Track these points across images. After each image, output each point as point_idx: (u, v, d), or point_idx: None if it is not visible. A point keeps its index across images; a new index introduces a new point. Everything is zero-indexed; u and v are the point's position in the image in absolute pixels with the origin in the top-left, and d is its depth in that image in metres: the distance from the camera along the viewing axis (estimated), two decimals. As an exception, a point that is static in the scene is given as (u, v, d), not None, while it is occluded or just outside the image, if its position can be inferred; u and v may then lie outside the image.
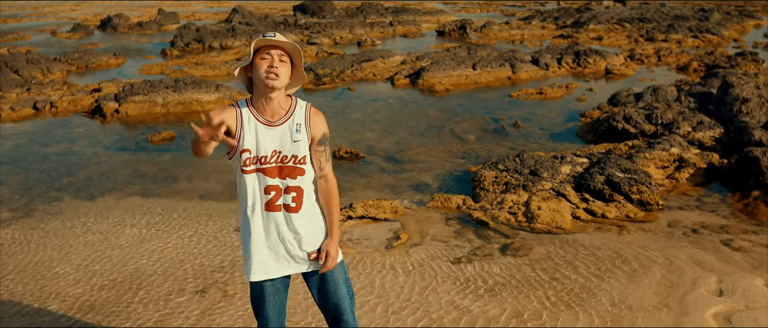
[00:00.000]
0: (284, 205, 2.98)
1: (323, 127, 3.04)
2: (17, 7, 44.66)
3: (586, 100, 11.76)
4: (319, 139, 3.01)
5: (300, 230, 3.01)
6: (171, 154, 8.92)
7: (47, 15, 36.74)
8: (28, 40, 23.74)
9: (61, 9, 41.78)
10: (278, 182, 2.96)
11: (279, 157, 2.95)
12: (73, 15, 36.26)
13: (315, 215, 3.07)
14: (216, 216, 6.53)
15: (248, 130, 2.93)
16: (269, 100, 2.92)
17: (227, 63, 16.58)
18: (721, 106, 9.42)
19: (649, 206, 6.43)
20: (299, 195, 2.99)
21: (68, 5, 46.29)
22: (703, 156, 7.64)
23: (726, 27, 21.68)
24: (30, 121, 11.00)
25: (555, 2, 40.59)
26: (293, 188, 2.97)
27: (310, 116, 3.01)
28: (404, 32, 24.45)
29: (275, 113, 2.95)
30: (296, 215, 2.99)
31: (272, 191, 2.95)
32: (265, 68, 2.86)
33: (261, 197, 2.97)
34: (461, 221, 6.28)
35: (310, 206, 3.04)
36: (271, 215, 2.98)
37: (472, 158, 8.43)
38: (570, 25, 24.93)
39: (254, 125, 2.93)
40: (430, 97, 12.55)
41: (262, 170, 2.94)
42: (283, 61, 2.91)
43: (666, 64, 15.85)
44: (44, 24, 30.88)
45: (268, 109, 2.94)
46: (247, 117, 2.94)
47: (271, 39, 2.88)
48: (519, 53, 15.46)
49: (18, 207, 6.93)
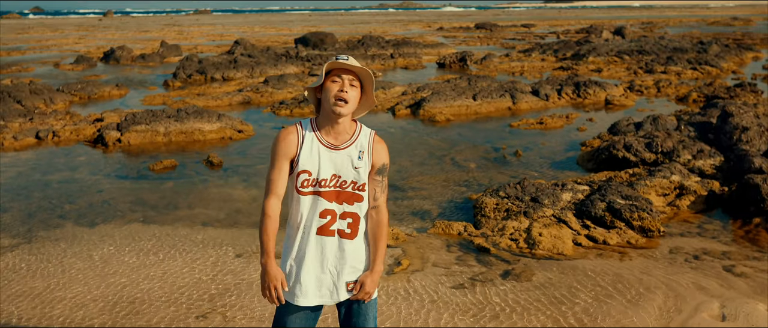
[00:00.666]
0: (338, 230, 2.92)
1: (385, 157, 2.99)
2: (21, 40, 45.06)
3: (586, 130, 11.81)
4: (379, 169, 2.96)
5: (349, 257, 2.94)
6: (173, 182, 8.94)
7: (51, 48, 37.03)
8: (31, 72, 23.90)
9: (64, 42, 42.11)
10: (335, 207, 2.90)
11: (338, 181, 2.90)
12: (76, 47, 36.55)
13: (364, 245, 3.01)
14: (217, 242, 6.52)
15: (310, 151, 2.88)
16: (335, 124, 2.88)
17: (229, 94, 16.68)
18: (721, 134, 9.46)
19: (650, 233, 6.42)
20: (355, 222, 2.94)
21: (72, 38, 46.68)
22: (704, 184, 7.65)
23: (724, 59, 21.85)
24: (32, 150, 11.03)
25: (554, 36, 40.93)
26: (350, 214, 2.92)
27: (374, 144, 2.96)
28: (405, 64, 24.64)
29: (339, 137, 2.91)
30: (350, 242, 2.94)
31: (328, 215, 2.89)
32: (335, 92, 2.83)
33: (316, 220, 2.89)
34: (462, 248, 6.28)
35: (362, 234, 2.99)
36: (322, 239, 2.91)
37: (473, 186, 8.44)
38: (569, 57, 25.11)
39: (317, 148, 2.89)
40: (431, 126, 12.61)
41: (320, 193, 2.88)
42: (354, 85, 2.87)
43: (665, 95, 15.94)
44: (48, 56, 31.12)
45: (332, 132, 2.90)
46: (310, 138, 2.90)
47: (344, 63, 2.84)
48: (519, 84, 15.56)
49: (19, 233, 6.92)
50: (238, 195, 8.26)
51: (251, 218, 7.32)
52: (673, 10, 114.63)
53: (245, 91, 16.77)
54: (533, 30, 51.11)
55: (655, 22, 61.23)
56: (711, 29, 47.22)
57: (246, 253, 6.21)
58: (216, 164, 9.74)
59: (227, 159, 10.10)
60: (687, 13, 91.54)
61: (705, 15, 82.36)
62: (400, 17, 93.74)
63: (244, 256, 6.13)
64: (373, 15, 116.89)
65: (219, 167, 9.67)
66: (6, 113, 13.11)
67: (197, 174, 9.33)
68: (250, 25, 68.18)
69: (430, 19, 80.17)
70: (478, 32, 48.39)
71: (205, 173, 9.40)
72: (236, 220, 7.30)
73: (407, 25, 64.75)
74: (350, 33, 46.58)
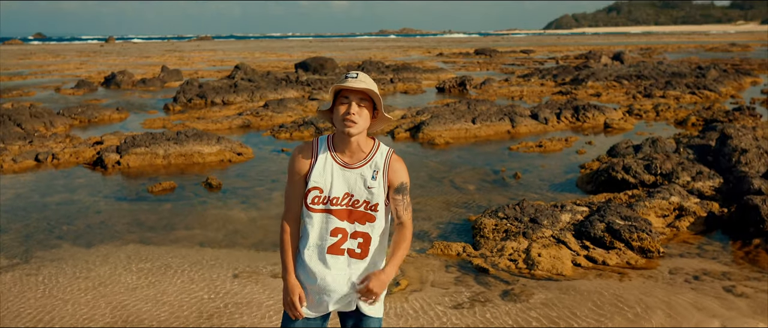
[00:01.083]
0: (348, 249, 2.87)
1: (403, 176, 2.92)
2: (23, 65, 45.27)
3: (585, 153, 11.82)
4: (397, 188, 2.89)
5: (358, 278, 2.89)
6: (171, 203, 8.92)
7: (52, 73, 37.20)
8: (32, 96, 23.98)
9: (65, 67, 42.32)
10: (346, 226, 2.86)
11: (350, 200, 2.86)
12: (77, 72, 36.71)
13: (375, 267, 2.94)
14: (215, 262, 6.50)
15: (323, 169, 2.87)
16: (349, 142, 2.85)
17: (229, 117, 16.72)
18: (720, 156, 9.46)
19: (649, 254, 6.40)
20: (366, 242, 2.88)
21: (73, 63, 46.91)
22: (703, 205, 7.64)
23: (723, 84, 21.93)
24: (31, 173, 11.03)
25: (553, 61, 41.14)
26: (361, 234, 2.87)
27: (390, 163, 2.89)
28: (405, 89, 24.72)
29: (354, 155, 2.88)
30: (360, 261, 2.90)
31: (339, 234, 2.86)
32: (343, 113, 2.80)
33: (327, 238, 2.87)
34: (461, 268, 6.25)
35: (374, 255, 2.92)
36: (333, 258, 2.88)
37: (473, 208, 8.43)
38: (568, 82, 25.21)
39: (331, 165, 2.87)
40: (431, 149, 12.62)
41: (331, 211, 2.86)
42: (363, 104, 2.82)
43: (664, 119, 15.98)
44: (49, 81, 31.25)
45: (347, 150, 2.87)
46: (324, 156, 2.89)
47: (349, 84, 2.78)
48: (518, 108, 15.60)
49: (16, 254, 6.90)
50: (236, 217, 8.24)
51: (249, 239, 7.30)
52: (672, 37, 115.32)
53: (245, 115, 16.81)
54: (532, 56, 51.38)
55: (654, 47, 61.58)
56: (709, 55, 47.46)
57: (244, 273, 6.18)
58: (215, 186, 9.73)
59: (226, 181, 10.10)
60: (685, 40, 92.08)
61: (703, 41, 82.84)
62: (400, 43, 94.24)
63: (242, 276, 6.10)
64: (373, 41, 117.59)
65: (218, 189, 9.66)
66: (6, 136, 13.13)
67: (196, 196, 9.31)
68: (251, 51, 68.55)
69: (429, 46, 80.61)
70: (477, 58, 48.64)
71: (203, 194, 9.39)
72: (234, 241, 7.28)
73: (407, 51, 65.09)
74: (350, 58, 46.81)
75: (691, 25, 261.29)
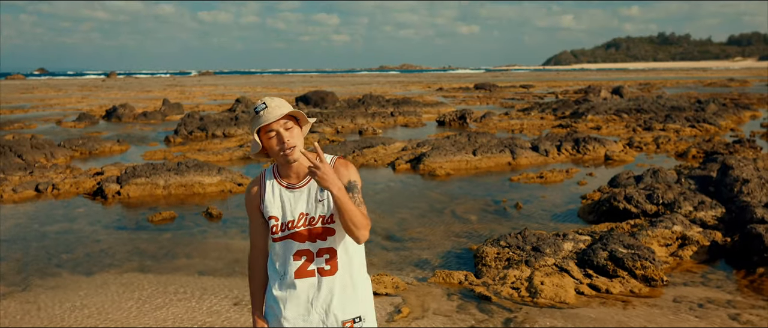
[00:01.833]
0: (318, 269, 2.78)
1: (349, 175, 2.80)
2: (25, 99, 45.48)
3: (586, 184, 11.80)
4: (346, 187, 2.74)
5: (335, 294, 2.79)
6: (171, 233, 8.88)
7: (54, 106, 37.36)
8: (33, 129, 24.05)
9: (67, 101, 42.51)
10: (309, 246, 2.78)
11: (307, 219, 2.78)
12: (79, 106, 36.86)
13: (351, 280, 2.83)
14: (214, 291, 6.44)
15: (272, 196, 2.82)
16: (292, 165, 2.80)
17: (230, 149, 16.74)
18: (722, 187, 9.44)
19: (653, 282, 6.34)
20: (332, 256, 2.79)
21: (75, 97, 47.13)
22: (706, 234, 7.60)
23: (722, 117, 21.99)
24: (31, 203, 11.00)
25: (553, 96, 41.33)
26: (325, 250, 2.78)
27: (335, 168, 2.80)
28: (405, 122, 24.79)
29: (298, 174, 2.82)
30: (331, 278, 2.79)
31: (303, 256, 2.78)
32: (278, 147, 2.74)
33: (291, 264, 2.79)
34: (463, 296, 6.19)
35: (345, 268, 2.81)
36: (303, 282, 2.78)
37: (474, 237, 8.39)
38: (568, 115, 25.28)
39: (278, 191, 2.82)
40: (431, 181, 12.60)
41: (291, 236, 2.79)
42: (289, 127, 2.75)
43: (665, 151, 15.99)
44: (50, 114, 31.37)
45: (291, 172, 2.82)
46: (271, 184, 2.85)
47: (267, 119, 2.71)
48: (519, 140, 15.62)
49: (15, 282, 6.84)
50: (236, 245, 8.20)
51: (250, 268, 7.24)
52: (670, 72, 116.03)
53: (246, 147, 16.83)
54: (532, 90, 51.63)
55: (653, 83, 61.90)
56: (708, 90, 47.68)
57: (244, 301, 6.12)
58: (215, 215, 9.69)
59: (226, 211, 10.07)
60: (684, 75, 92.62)
61: (702, 76, 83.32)
62: (400, 79, 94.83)
63: (242, 304, 6.05)
64: (374, 77, 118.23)
65: (218, 218, 9.63)
66: (6, 167, 13.12)
67: (196, 226, 9.27)
68: (252, 86, 68.90)
69: (429, 81, 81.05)
70: (477, 92, 48.87)
71: (204, 224, 9.35)
72: (234, 269, 7.22)
73: (407, 86, 65.43)
74: (351, 93, 47.02)
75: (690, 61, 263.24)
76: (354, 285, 2.84)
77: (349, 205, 2.63)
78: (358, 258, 2.88)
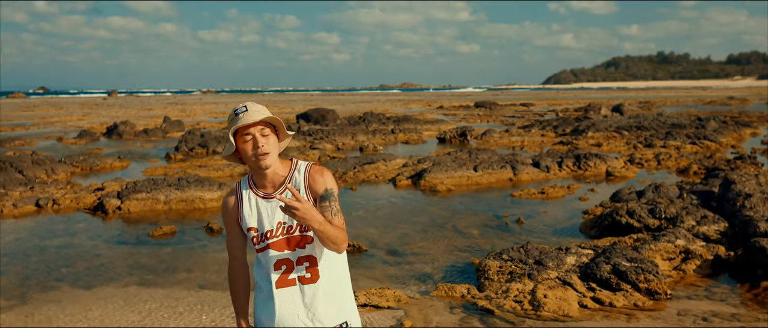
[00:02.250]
0: (298, 277, 2.74)
1: (326, 183, 2.77)
2: (25, 117, 45.55)
3: (588, 200, 11.77)
4: (322, 196, 2.74)
5: (318, 302, 2.75)
6: (172, 247, 8.84)
7: (55, 124, 37.39)
8: (34, 146, 24.05)
9: (68, 119, 42.55)
10: (288, 255, 2.73)
11: (284, 228, 2.74)
12: (79, 124, 36.89)
13: (334, 287, 2.80)
14: (215, 304, 6.41)
15: (249, 208, 2.79)
16: (265, 174, 2.76)
17: (230, 165, 16.72)
18: (724, 202, 9.41)
19: (657, 295, 6.30)
20: (313, 264, 2.75)
21: (76, 115, 47.20)
22: (710, 248, 7.56)
23: (723, 134, 21.99)
24: (31, 218, 10.97)
25: (553, 113, 41.39)
26: (305, 258, 2.74)
27: (309, 175, 2.78)
28: (406, 139, 24.80)
29: (274, 183, 2.79)
30: (313, 286, 2.74)
31: (283, 265, 2.74)
32: (252, 151, 2.70)
33: (272, 274, 2.74)
34: (466, 309, 6.15)
35: (327, 275, 2.77)
36: (284, 291, 2.74)
37: (476, 252, 8.35)
38: (569, 132, 25.30)
39: (254, 201, 2.79)
40: (433, 196, 12.57)
41: (271, 246, 2.75)
42: (266, 134, 2.72)
43: (666, 167, 15.97)
44: (51, 131, 31.40)
45: (266, 182, 2.79)
46: (247, 195, 2.81)
47: (245, 121, 2.68)
48: (520, 156, 15.61)
49: (14, 296, 6.80)
50: (237, 259, 8.15)
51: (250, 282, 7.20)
52: (670, 91, 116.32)
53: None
54: (532, 108, 51.73)
55: (653, 101, 62.02)
56: (708, 108, 47.74)
57: (245, 314, 6.08)
58: (216, 230, 9.66)
59: (227, 226, 10.02)
60: (683, 94, 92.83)
61: (702, 95, 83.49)
62: (401, 97, 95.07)
63: (243, 317, 6.00)
64: (374, 95, 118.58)
65: (218, 233, 9.59)
66: (7, 182, 13.11)
67: (197, 240, 9.24)
68: (253, 104, 68.90)
69: (430, 99, 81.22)
70: (478, 110, 48.95)
71: (204, 239, 9.32)
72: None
73: (407, 104, 65.55)
74: (352, 111, 47.09)
75: (689, 80, 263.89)
76: (336, 291, 2.81)
77: (329, 231, 2.61)
78: (338, 264, 2.84)
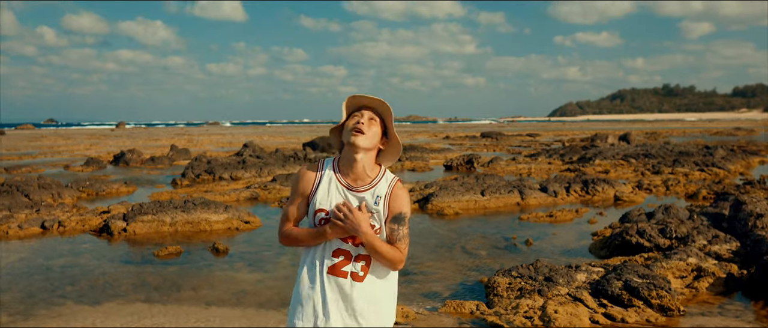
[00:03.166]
0: (351, 273, 2.77)
1: (404, 206, 2.82)
2: (33, 146, 45.73)
3: (596, 223, 11.67)
4: (396, 217, 2.79)
5: (361, 301, 2.77)
6: (177, 266, 8.76)
7: (62, 153, 37.49)
8: (41, 172, 24.05)
9: (76, 148, 42.68)
10: (349, 248, 2.77)
11: None
12: (87, 153, 36.97)
13: (379, 291, 2.82)
14: (222, 320, 6.32)
15: (327, 191, 2.80)
16: (355, 163, 2.79)
17: (237, 190, 16.68)
18: (735, 222, 9.31)
19: (670, 312, 6.19)
20: (367, 265, 2.79)
21: (83, 145, 47.36)
22: (722, 266, 7.45)
23: (731, 162, 21.89)
24: (36, 239, 10.91)
25: (560, 144, 41.33)
26: (363, 257, 2.78)
27: (393, 190, 2.82)
28: (412, 167, 24.76)
29: (359, 178, 2.82)
30: (360, 285, 2.77)
31: (341, 255, 2.78)
32: (352, 125, 2.78)
33: (328, 259, 2.78)
34: (475, 325, 6.05)
35: (375, 278, 2.81)
36: (333, 279, 2.77)
37: (485, 271, 8.24)
38: (576, 160, 25.21)
39: (335, 185, 2.81)
40: (440, 220, 12.48)
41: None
42: (373, 120, 2.81)
43: (675, 193, 15.86)
44: (58, 160, 31.46)
45: (352, 173, 2.81)
46: (329, 177, 2.83)
47: (362, 96, 2.82)
48: (527, 182, 15.54)
49: (18, 311, 6.73)
50: (243, 278, 8.08)
51: (257, 298, 7.12)
52: (676, 123, 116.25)
53: (253, 188, 16.78)
54: (538, 138, 51.69)
55: (659, 132, 61.95)
56: (715, 138, 47.64)
57: (250, 329, 6.00)
58: (222, 250, 9.58)
59: (234, 247, 9.96)
60: (689, 126, 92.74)
61: (708, 126, 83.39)
62: (407, 129, 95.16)
63: (249, 332, 5.92)
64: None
65: (225, 253, 9.52)
66: (13, 205, 13.08)
67: (203, 260, 9.16)
68: (259, 135, 69.20)
69: (436, 130, 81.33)
70: (484, 140, 48.93)
71: (210, 259, 9.24)
72: (241, 299, 7.09)
73: (414, 135, 65.60)
74: (358, 141, 47.01)
75: (695, 112, 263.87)
76: (382, 297, 2.84)
77: (380, 248, 2.73)
78: (389, 276, 2.87)
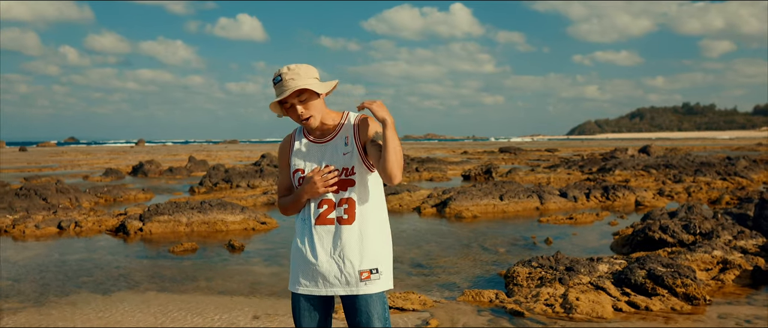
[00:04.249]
0: (337, 218, 2.88)
1: (374, 126, 2.93)
2: (54, 161, 46.12)
3: (617, 224, 11.46)
4: (374, 137, 2.89)
5: (352, 242, 2.86)
6: (192, 261, 8.69)
7: (82, 166, 37.77)
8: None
9: (95, 162, 43.00)
10: (331, 196, 2.89)
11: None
12: (106, 166, 37.19)
13: (369, 229, 2.90)
14: (235, 307, 6.22)
15: (300, 150, 2.98)
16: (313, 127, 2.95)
17: (254, 195, 16.64)
18: (761, 220, 9.08)
19: (695, 300, 5.99)
20: (351, 206, 2.88)
21: (103, 159, 47.69)
22: (749, 259, 7.25)
23: (754, 171, 21.55)
24: (53, 238, 10.90)
25: (579, 157, 40.99)
26: (345, 200, 2.88)
27: (359, 123, 2.95)
28: (430, 177, 24.63)
29: (325, 132, 2.97)
30: (349, 227, 2.87)
31: (325, 205, 2.89)
32: (297, 119, 2.90)
33: (313, 211, 2.90)
34: (494, 312, 5.89)
35: (363, 218, 2.89)
36: (322, 228, 2.88)
37: (503, 265, 8.08)
38: (596, 171, 24.94)
39: (306, 144, 2.98)
40: (458, 223, 12.32)
41: None
42: (304, 99, 2.85)
43: (697, 199, 15.59)
44: (78, 171, 31.67)
45: (317, 129, 2.98)
46: (300, 139, 3.02)
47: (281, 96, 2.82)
48: (546, 188, 15.35)
49: (30, 298, 6.67)
50: (258, 271, 7.98)
51: (272, 288, 7.01)
52: (696, 140, 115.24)
53: (271, 194, 16.72)
54: (557, 153, 51.33)
55: (679, 148, 61.35)
56: (736, 153, 47.06)
57: (264, 315, 5.89)
58: (237, 247, 9.50)
59: (250, 245, 9.87)
60: (710, 142, 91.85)
61: (729, 143, 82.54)
62: (424, 145, 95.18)
63: (262, 318, 5.81)
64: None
65: (240, 250, 9.43)
66: (30, 207, 13.11)
67: (218, 255, 9.09)
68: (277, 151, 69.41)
69: (453, 147, 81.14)
70: (502, 155, 48.63)
71: (226, 255, 9.16)
72: (256, 289, 6.99)
73: (431, 151, 65.47)
74: (375, 155, 47.02)
75: (715, 131, 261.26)
76: (371, 236, 2.90)
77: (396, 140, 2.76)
78: (376, 211, 2.96)
